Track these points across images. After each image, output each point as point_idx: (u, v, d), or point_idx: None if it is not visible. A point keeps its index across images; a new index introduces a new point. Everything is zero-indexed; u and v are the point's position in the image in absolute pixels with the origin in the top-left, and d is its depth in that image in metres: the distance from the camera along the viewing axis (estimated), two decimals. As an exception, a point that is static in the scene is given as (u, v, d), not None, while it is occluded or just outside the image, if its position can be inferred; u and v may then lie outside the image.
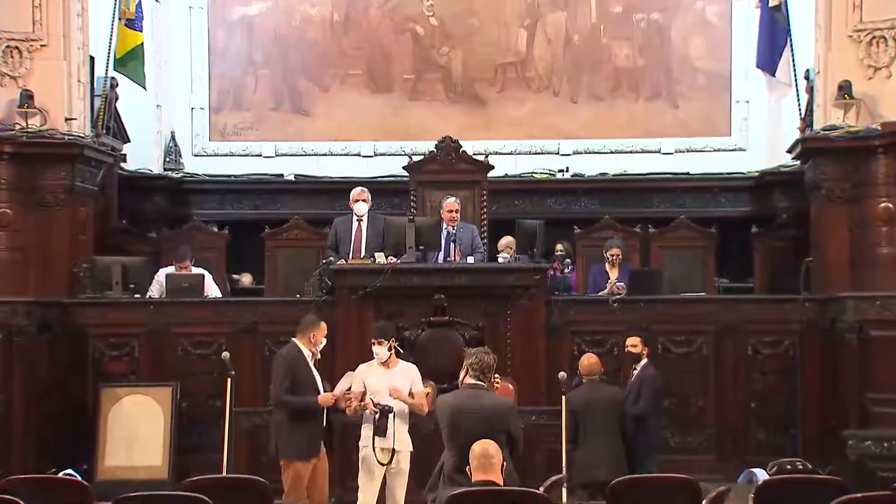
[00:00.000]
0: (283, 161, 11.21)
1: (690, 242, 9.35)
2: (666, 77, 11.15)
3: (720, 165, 10.93)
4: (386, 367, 6.37)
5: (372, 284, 7.59)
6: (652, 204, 10.76)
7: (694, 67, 11.15)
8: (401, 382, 6.33)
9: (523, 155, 11.11)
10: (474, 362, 5.35)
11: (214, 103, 11.34)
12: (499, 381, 5.86)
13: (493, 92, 11.24)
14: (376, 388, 6.30)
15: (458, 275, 7.75)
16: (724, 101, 11.09)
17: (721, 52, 11.09)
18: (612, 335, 7.85)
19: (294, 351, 6.29)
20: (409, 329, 7.66)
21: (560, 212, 10.60)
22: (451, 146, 9.18)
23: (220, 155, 11.28)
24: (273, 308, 8.06)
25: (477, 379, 5.34)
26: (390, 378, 6.34)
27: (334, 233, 8.55)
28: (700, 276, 9.14)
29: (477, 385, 5.34)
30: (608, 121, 11.14)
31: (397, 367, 6.42)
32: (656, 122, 11.12)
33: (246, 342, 7.91)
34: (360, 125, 11.23)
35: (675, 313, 8.01)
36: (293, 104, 11.33)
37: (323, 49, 11.31)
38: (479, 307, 7.74)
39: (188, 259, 8.55)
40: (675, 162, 11.04)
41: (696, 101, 11.12)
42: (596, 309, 8.01)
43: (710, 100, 11.12)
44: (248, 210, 10.87)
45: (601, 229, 9.37)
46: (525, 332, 7.71)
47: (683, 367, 7.92)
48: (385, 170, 10.83)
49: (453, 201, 8.45)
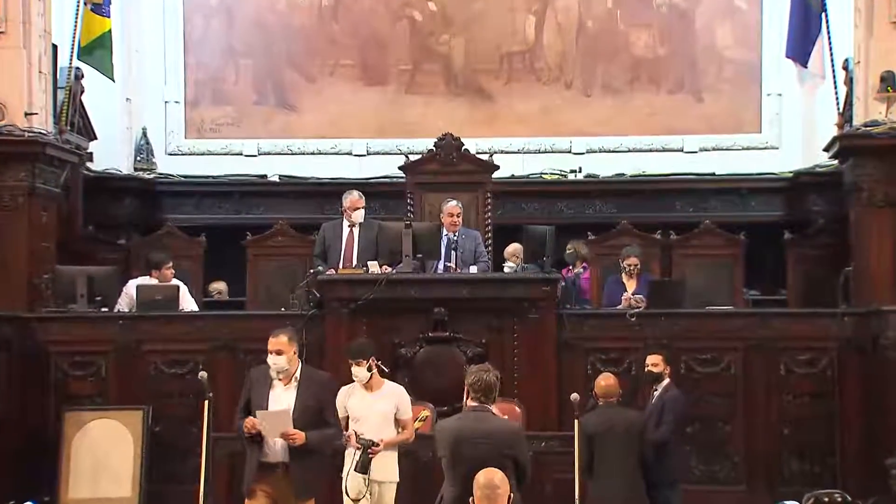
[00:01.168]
0: (267, 160, 11.25)
1: (716, 250, 9.38)
2: (690, 68, 11.20)
3: (749, 165, 10.98)
4: (368, 389, 6.33)
5: (364, 297, 7.61)
6: (674, 208, 10.79)
7: (721, 57, 11.20)
8: (385, 406, 6.30)
9: (531, 154, 11.16)
10: (474, 382, 5.37)
11: (190, 97, 11.39)
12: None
13: (498, 84, 11.28)
14: (359, 415, 6.26)
15: (460, 286, 7.77)
16: (753, 95, 11.15)
17: (751, 40, 11.15)
18: (630, 353, 7.85)
19: (260, 370, 6.17)
20: (406, 346, 7.68)
21: (572, 216, 10.63)
22: (452, 144, 9.22)
23: (196, 154, 11.33)
24: (255, 323, 8.05)
25: (478, 401, 5.36)
26: (374, 402, 6.30)
27: (322, 239, 8.57)
28: (727, 288, 9.16)
29: (480, 408, 5.36)
30: (625, 116, 11.19)
31: (382, 389, 6.38)
32: (679, 117, 11.17)
33: (225, 361, 7.92)
34: (352, 121, 11.28)
35: (700, 329, 8.02)
36: (278, 98, 11.38)
37: (311, 37, 11.37)
38: (482, 322, 7.76)
39: (167, 264, 8.57)
40: (699, 161, 11.08)
41: (722, 95, 11.18)
42: (612, 324, 8.02)
43: (738, 93, 11.17)
44: (227, 214, 10.90)
45: (617, 236, 9.39)
46: (534, 349, 7.73)
47: (709, 389, 7.92)
48: (379, 170, 10.87)
49: (454, 205, 8.48)
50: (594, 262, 9.33)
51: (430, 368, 7.64)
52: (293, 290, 8.21)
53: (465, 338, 7.70)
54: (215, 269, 9.91)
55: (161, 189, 11.02)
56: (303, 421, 5.89)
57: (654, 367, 7.18)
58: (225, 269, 9.96)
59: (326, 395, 6.11)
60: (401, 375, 7.60)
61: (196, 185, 11.05)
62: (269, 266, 9.38)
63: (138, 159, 11.12)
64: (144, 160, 11.12)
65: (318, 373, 6.29)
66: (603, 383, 6.90)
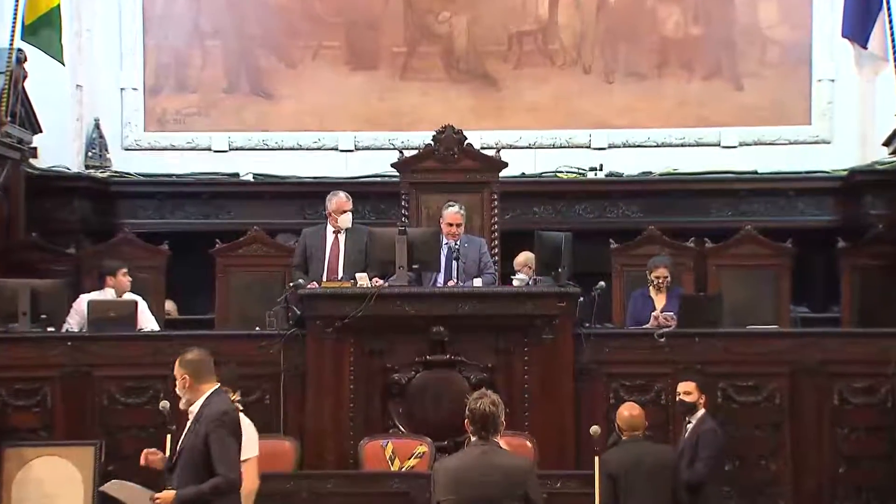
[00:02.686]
0: (240, 157, 11.28)
1: (759, 260, 9.41)
2: (727, 50, 11.23)
3: (797, 162, 11.01)
4: None
5: (352, 314, 7.61)
6: (709, 211, 10.82)
7: (764, 37, 11.24)
8: None
9: (545, 149, 11.19)
10: (469, 414, 5.37)
11: (150, 83, 11.42)
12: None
13: (506, 69, 11.32)
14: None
15: (463, 301, 7.77)
16: (802, 81, 11.18)
17: (799, 19, 11.19)
18: (659, 379, 7.85)
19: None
20: (400, 371, 7.68)
21: (592, 221, 10.66)
22: (453, 138, 9.24)
23: (157, 149, 11.36)
24: (226, 345, 7.99)
25: (479, 435, 5.35)
26: None
27: (303, 248, 8.58)
28: (771, 304, 9.18)
29: (482, 443, 5.35)
30: (653, 106, 11.22)
31: None
32: (715, 107, 11.20)
33: (191, 388, 7.91)
34: (338, 111, 11.31)
35: (740, 352, 8.01)
36: (252, 85, 11.41)
37: (290, 15, 11.41)
38: (488, 343, 7.76)
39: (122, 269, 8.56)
40: (738, 157, 11.12)
41: (766, 81, 11.21)
42: (638, 345, 8.02)
43: (784, 79, 11.21)
44: (193, 219, 10.93)
45: (644, 244, 9.41)
46: (547, 374, 7.72)
47: (751, 421, 7.92)
48: (369, 168, 10.90)
49: (455, 212, 8.49)
50: (617, 273, 9.34)
51: (427, 397, 7.64)
52: (270, 306, 8.20)
53: (468, 361, 7.70)
54: (180, 283, 9.91)
55: (116, 189, 11.04)
56: (183, 474, 5.53)
57: (687, 395, 7.19)
58: (190, 282, 9.97)
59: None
60: (393, 405, 7.62)
61: (157, 185, 11.08)
62: (242, 279, 9.39)
63: (90, 155, 11.14)
64: (97, 156, 11.14)
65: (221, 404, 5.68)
66: (627, 414, 6.89)
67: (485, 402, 5.36)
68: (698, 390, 7.21)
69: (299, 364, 7.74)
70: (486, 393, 5.48)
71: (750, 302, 9.00)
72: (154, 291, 9.38)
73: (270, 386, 7.78)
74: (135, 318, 8.29)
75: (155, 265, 9.65)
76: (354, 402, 7.67)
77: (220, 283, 9.41)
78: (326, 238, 8.52)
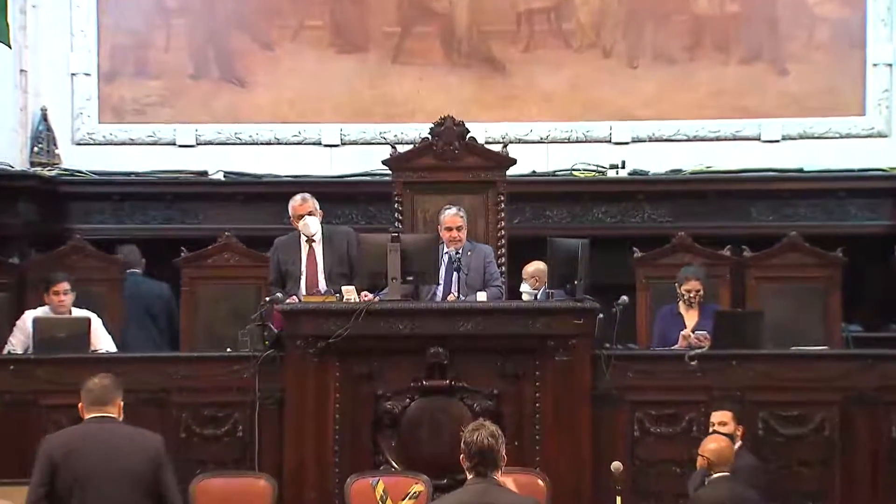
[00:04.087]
0: (208, 152, 11.30)
1: (805, 272, 9.42)
2: (770, 29, 11.25)
3: (849, 158, 11.03)
4: None
5: (337, 333, 7.62)
6: (749, 215, 10.84)
7: (812, 15, 11.25)
8: None
9: (559, 144, 11.20)
10: (464, 448, 5.37)
11: (106, 68, 11.43)
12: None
13: (514, 52, 11.33)
14: None
15: (465, 318, 7.76)
16: (855, 65, 11.19)
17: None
18: (691, 408, 7.86)
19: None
20: (392, 398, 7.68)
21: (613, 226, 10.69)
22: (454, 131, 9.24)
23: (114, 143, 11.36)
24: (193, 368, 8.06)
25: (475, 472, 5.35)
26: None
27: (276, 262, 8.62)
28: (819, 321, 9.20)
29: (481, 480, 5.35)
30: (683, 94, 11.23)
31: None
32: (755, 95, 11.21)
33: (153, 418, 7.88)
34: (321, 100, 11.32)
35: (784, 376, 8.01)
36: (222, 69, 11.42)
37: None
38: (494, 366, 7.75)
39: (57, 284, 8.56)
40: (782, 153, 11.13)
41: (813, 65, 11.22)
42: (666, 369, 8.01)
43: (834, 63, 11.22)
44: (155, 224, 10.95)
45: (673, 252, 9.42)
46: (562, 402, 7.72)
47: (796, 456, 7.91)
48: (357, 165, 10.90)
49: (454, 214, 8.50)
50: (642, 286, 9.35)
51: (423, 428, 7.64)
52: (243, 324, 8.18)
53: (471, 387, 7.70)
54: (139, 297, 9.92)
55: (66, 190, 11.05)
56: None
57: (722, 426, 7.22)
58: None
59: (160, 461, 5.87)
60: (385, 438, 7.61)
61: (113, 185, 11.09)
62: (211, 292, 9.39)
63: (36, 151, 11.15)
64: (44, 152, 11.14)
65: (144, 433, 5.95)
66: (715, 446, 6.90)
67: (482, 433, 5.35)
68: (735, 421, 7.23)
69: (276, 391, 7.75)
70: (483, 424, 5.47)
71: (795, 319, 9.01)
72: (110, 307, 9.36)
73: (243, 416, 7.80)
74: (87, 338, 8.28)
75: (110, 277, 9.64)
76: (340, 435, 7.67)
77: (185, 297, 9.41)
78: (300, 248, 8.54)
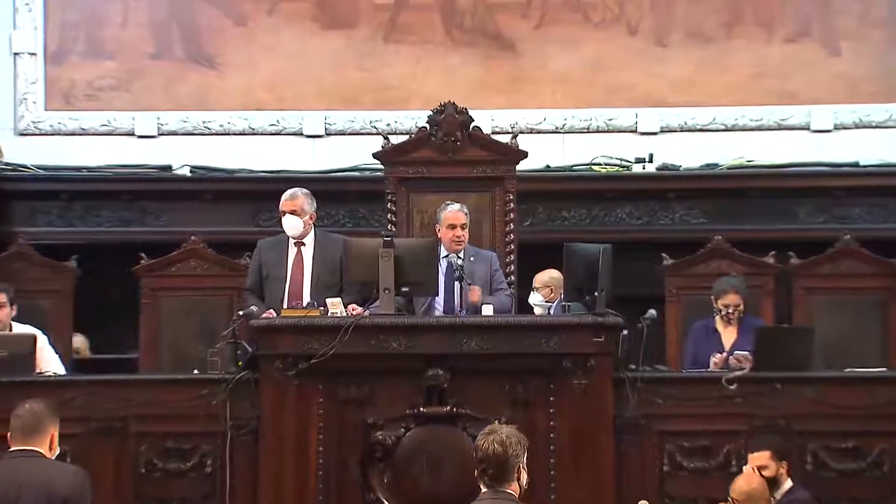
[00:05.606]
0: (172, 144, 11.33)
1: (861, 281, 9.44)
2: (820, 3, 11.27)
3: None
4: None
5: (321, 352, 7.63)
6: (796, 216, 10.87)
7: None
8: None
9: (576, 134, 11.22)
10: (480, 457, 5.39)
11: (54, 47, 11.46)
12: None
13: (525, 28, 11.37)
14: None
15: (468, 335, 7.76)
16: (918, 44, 11.25)
17: (914, -39, 11.25)
18: (729, 439, 7.86)
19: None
20: (385, 428, 7.68)
21: (639, 229, 10.71)
22: (456, 119, 9.25)
23: (63, 133, 11.38)
24: (155, 393, 8.05)
25: (484, 483, 5.37)
26: None
27: (258, 266, 8.62)
28: (877, 339, 9.21)
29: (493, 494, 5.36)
30: (720, 77, 11.27)
31: None
32: (803, 78, 11.23)
33: (108, 451, 7.93)
34: (302, 84, 11.36)
35: (837, 402, 8.00)
36: (188, 49, 11.44)
37: (239, -44, 11.46)
38: (502, 390, 7.76)
39: (1, 293, 8.59)
40: (834, 145, 11.18)
41: (870, 44, 11.27)
42: (701, 394, 7.99)
43: (894, 41, 11.24)
44: (111, 227, 10.98)
45: (709, 259, 9.43)
46: (581, 432, 7.73)
47: (851, 494, 7.92)
48: (344, 159, 10.94)
49: (458, 208, 8.50)
50: (673, 298, 9.36)
51: (421, 462, 7.63)
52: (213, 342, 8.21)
53: (475, 415, 7.68)
54: (92, 310, 9.92)
55: (8, 187, 11.09)
56: None
57: (764, 470, 7.26)
58: (107, 310, 9.97)
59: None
60: (376, 473, 7.62)
61: (63, 182, 11.12)
62: (176, 305, 9.41)
63: (-27, 142, 11.21)
64: (-18, 143, 11.21)
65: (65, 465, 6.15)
66: (745, 488, 6.95)
67: (489, 439, 5.40)
68: (775, 459, 7.26)
69: (251, 419, 7.76)
70: (496, 428, 5.52)
71: (849, 336, 9.02)
72: (58, 322, 9.38)
73: (212, 448, 7.80)
74: (33, 358, 8.29)
75: (59, 288, 9.66)
76: (324, 470, 7.68)
77: (146, 311, 9.41)
78: (288, 252, 8.55)
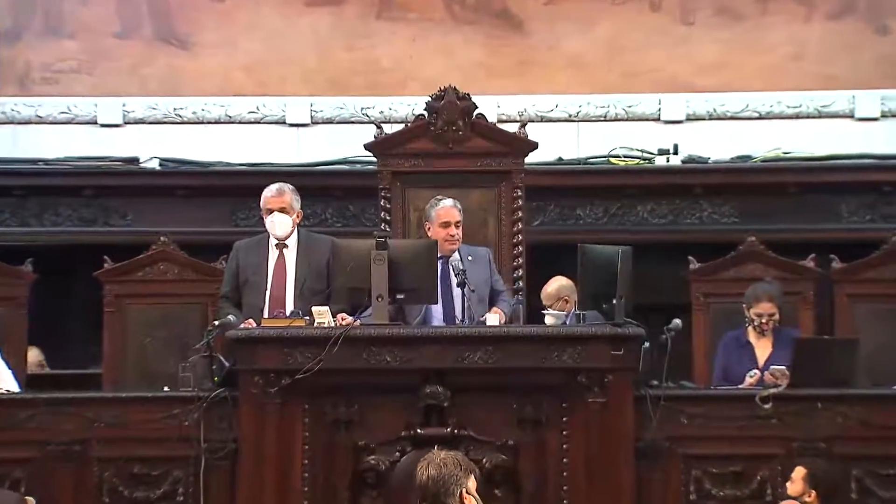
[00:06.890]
0: (140, 133, 11.36)
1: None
2: (864, -24, 11.33)
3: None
4: None
5: (307, 367, 7.65)
6: (839, 215, 10.90)
7: (918, -43, 11.34)
8: None
9: (592, 122, 11.25)
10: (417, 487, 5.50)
11: (6, 24, 11.49)
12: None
13: (535, 5, 11.40)
14: None
15: (471, 347, 7.77)
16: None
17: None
18: (763, 463, 7.90)
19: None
20: (378, 451, 7.71)
21: (662, 229, 10.72)
22: (457, 106, 9.26)
23: (17, 122, 11.43)
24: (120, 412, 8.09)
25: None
26: None
27: (235, 270, 8.65)
28: (931, 352, 9.23)
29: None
30: (753, 58, 11.29)
31: None
32: (845, 61, 11.25)
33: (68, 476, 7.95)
34: (286, 67, 11.40)
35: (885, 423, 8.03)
36: (157, 27, 11.48)
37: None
38: (509, 409, 7.78)
39: None
40: (882, 135, 11.20)
41: (921, 22, 11.30)
42: (732, 413, 8.02)
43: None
44: (71, 226, 11.00)
45: (740, 263, 9.44)
46: (597, 456, 7.75)
47: (902, 525, 7.99)
48: (332, 150, 10.96)
49: (453, 204, 8.51)
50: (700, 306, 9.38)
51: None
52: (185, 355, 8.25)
53: (479, 437, 7.72)
54: (49, 320, 9.94)
55: (-43, 184, 11.12)
56: None
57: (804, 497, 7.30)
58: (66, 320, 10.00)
59: None
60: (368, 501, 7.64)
61: (16, 176, 11.16)
62: (144, 315, 9.41)
63: (-84, 132, 11.25)
64: (-73, 133, 11.24)
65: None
66: None
67: (427, 464, 5.53)
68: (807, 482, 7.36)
69: (228, 441, 7.79)
70: (435, 455, 5.61)
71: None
72: (11, 334, 9.39)
73: (184, 473, 7.84)
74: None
75: (12, 295, 9.64)
76: (310, 498, 7.71)
77: (109, 321, 9.40)
78: (268, 255, 8.58)
